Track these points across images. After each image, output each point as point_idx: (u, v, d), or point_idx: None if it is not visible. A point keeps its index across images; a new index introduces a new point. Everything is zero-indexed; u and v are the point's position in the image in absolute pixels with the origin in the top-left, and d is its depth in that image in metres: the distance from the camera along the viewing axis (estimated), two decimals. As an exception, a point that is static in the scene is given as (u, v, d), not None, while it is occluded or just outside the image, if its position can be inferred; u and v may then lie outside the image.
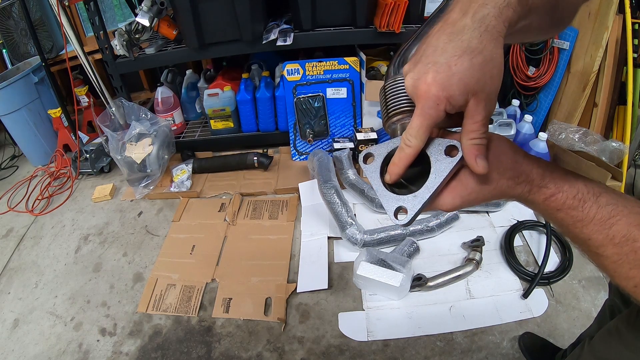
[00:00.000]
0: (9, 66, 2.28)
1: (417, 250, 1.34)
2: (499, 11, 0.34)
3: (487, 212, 1.50)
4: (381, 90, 0.44)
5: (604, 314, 0.78)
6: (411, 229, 1.38)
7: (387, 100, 0.42)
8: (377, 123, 1.81)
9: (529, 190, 0.40)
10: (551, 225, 1.20)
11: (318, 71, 1.74)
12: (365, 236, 1.36)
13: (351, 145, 1.76)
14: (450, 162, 0.38)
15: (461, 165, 0.39)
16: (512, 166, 0.39)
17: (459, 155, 0.37)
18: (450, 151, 0.38)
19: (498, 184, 0.39)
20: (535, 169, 0.39)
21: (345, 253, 1.40)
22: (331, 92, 1.78)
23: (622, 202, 0.38)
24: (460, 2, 0.36)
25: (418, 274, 1.25)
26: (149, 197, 1.77)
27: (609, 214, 0.37)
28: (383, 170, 0.42)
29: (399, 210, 0.39)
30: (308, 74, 1.75)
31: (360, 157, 0.43)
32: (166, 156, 1.82)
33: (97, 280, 1.42)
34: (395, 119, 0.42)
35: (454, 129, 0.41)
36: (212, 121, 1.92)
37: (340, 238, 1.43)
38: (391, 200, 0.40)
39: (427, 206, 0.39)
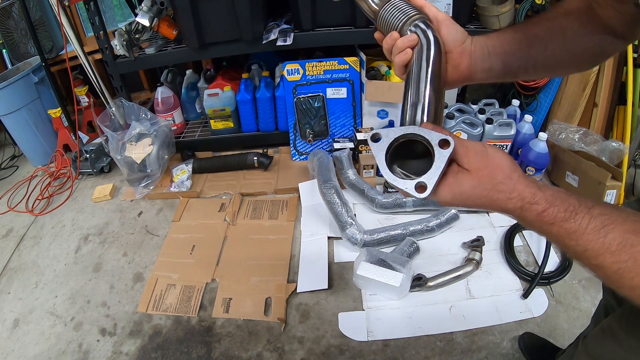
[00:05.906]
0: (9, 66, 2.28)
1: (417, 250, 1.34)
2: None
3: (487, 212, 1.50)
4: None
5: (599, 313, 0.79)
6: (411, 229, 1.38)
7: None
8: (377, 123, 1.81)
9: (520, 207, 0.42)
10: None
11: (318, 71, 1.74)
12: (365, 236, 1.36)
13: (351, 145, 1.76)
14: (447, 151, 0.43)
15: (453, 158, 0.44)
16: (504, 181, 0.42)
17: (452, 144, 0.42)
18: (443, 144, 0.43)
19: (489, 193, 0.43)
20: (528, 189, 0.42)
21: (345, 253, 1.40)
22: (331, 92, 1.78)
23: (616, 212, 0.39)
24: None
25: (418, 274, 1.25)
26: (149, 197, 1.77)
27: (602, 223, 0.38)
28: (387, 154, 0.45)
29: (419, 185, 0.43)
30: (308, 74, 1.75)
31: (369, 135, 0.47)
32: (166, 156, 1.82)
33: (97, 280, 1.42)
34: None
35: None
36: (212, 121, 1.92)
37: (340, 238, 1.43)
38: (401, 181, 0.44)
39: (435, 188, 0.43)
